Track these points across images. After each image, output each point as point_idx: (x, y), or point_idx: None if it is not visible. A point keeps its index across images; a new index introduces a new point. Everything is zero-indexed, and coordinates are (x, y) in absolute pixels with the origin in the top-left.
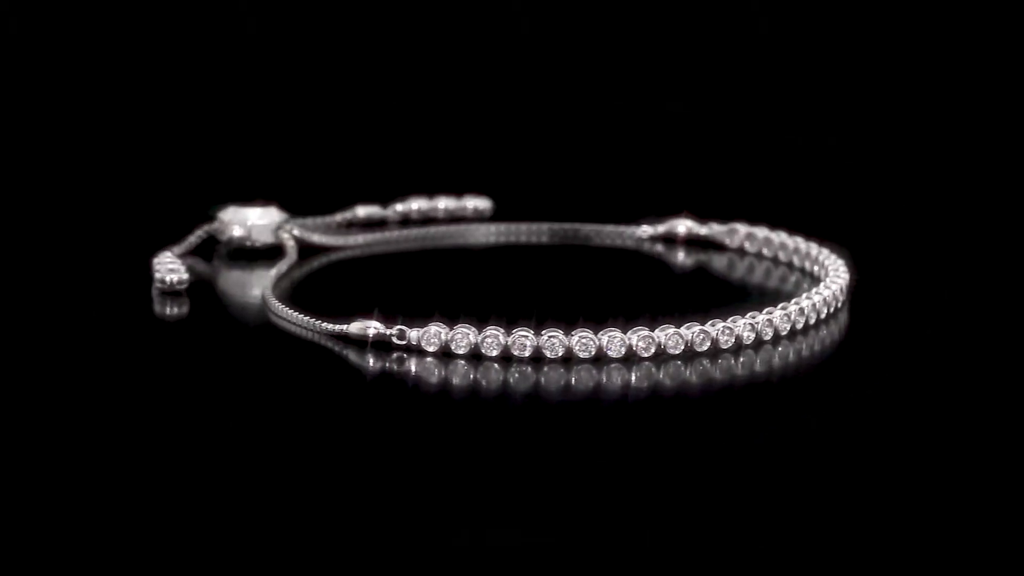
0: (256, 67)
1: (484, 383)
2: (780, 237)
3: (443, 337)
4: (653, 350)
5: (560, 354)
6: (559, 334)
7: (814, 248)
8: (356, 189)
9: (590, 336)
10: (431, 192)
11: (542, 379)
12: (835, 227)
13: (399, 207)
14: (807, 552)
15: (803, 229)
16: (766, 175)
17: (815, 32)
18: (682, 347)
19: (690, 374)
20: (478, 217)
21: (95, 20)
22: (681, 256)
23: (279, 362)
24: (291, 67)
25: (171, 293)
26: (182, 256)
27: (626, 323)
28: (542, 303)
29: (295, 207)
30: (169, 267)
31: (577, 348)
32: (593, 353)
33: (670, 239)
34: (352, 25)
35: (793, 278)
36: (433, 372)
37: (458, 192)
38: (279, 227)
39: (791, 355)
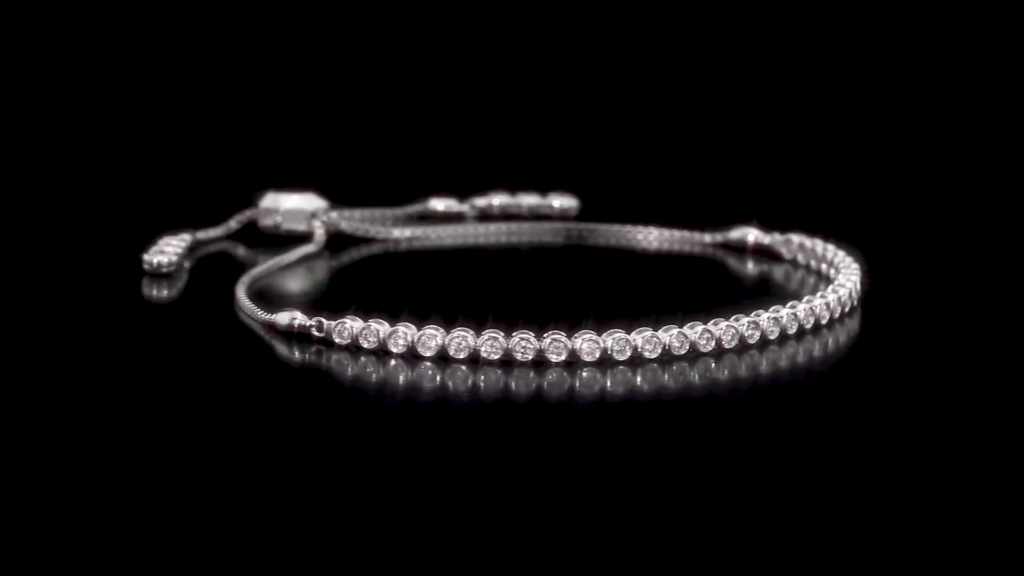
0: (337, 60)
1: (392, 380)
2: (828, 249)
3: (354, 331)
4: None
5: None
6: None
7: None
8: (436, 182)
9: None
10: (514, 188)
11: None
12: (848, 229)
13: (478, 202)
14: (813, 555)
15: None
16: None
17: (823, 34)
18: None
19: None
20: (562, 216)
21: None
22: (750, 265)
23: (217, 352)
24: (373, 59)
25: (156, 275)
26: (221, 239)
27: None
28: (547, 304)
29: (372, 199)
30: (163, 248)
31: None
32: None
33: (734, 247)
34: (439, 19)
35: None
36: (347, 366)
37: (543, 189)
38: (313, 215)
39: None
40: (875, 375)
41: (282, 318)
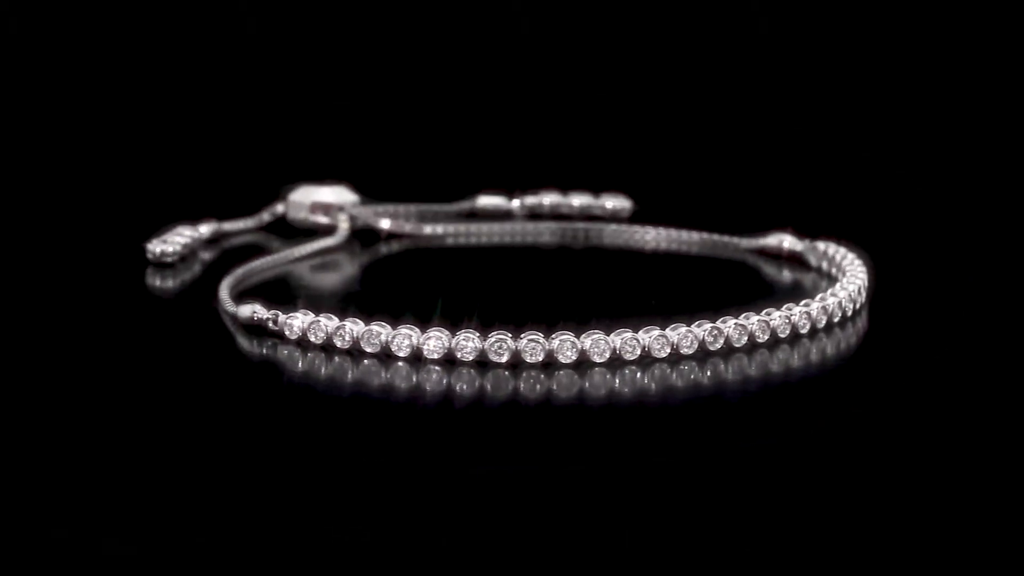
0: (398, 56)
1: (345, 377)
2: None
3: (302, 325)
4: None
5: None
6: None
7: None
8: (485, 179)
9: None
10: (567, 188)
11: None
12: (855, 231)
13: (528, 200)
14: (818, 554)
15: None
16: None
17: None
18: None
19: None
20: (614, 217)
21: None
22: (785, 272)
23: (184, 343)
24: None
25: (160, 264)
26: (251, 231)
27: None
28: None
29: (422, 195)
30: (169, 238)
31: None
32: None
33: (769, 253)
34: (501, 17)
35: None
36: (298, 361)
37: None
38: (339, 209)
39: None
40: (879, 377)
41: (244, 311)
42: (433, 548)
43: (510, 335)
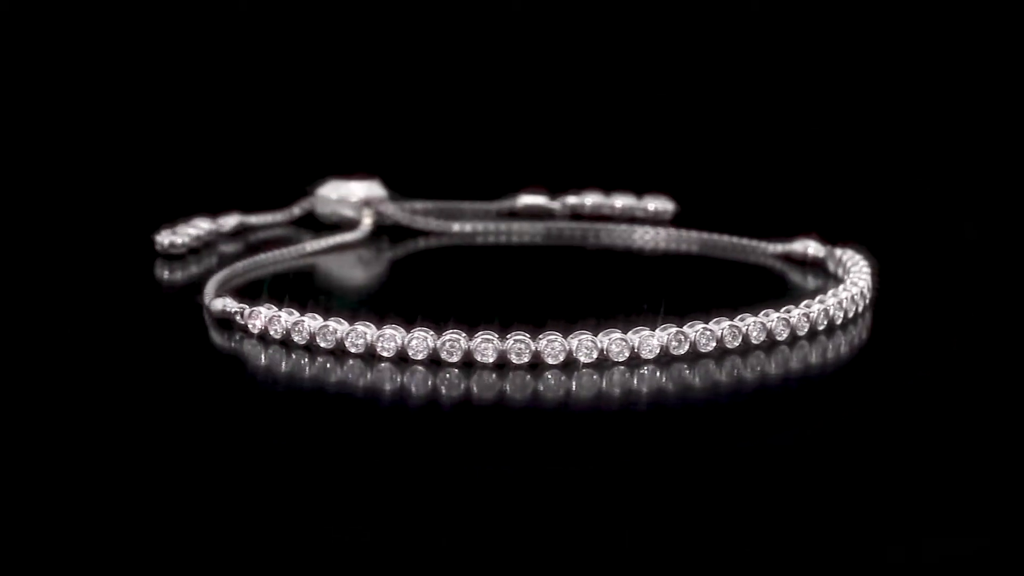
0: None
1: (301, 373)
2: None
3: (264, 319)
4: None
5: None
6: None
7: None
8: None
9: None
10: (610, 189)
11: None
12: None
13: (570, 200)
14: (821, 555)
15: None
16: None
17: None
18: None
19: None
20: (656, 219)
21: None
22: (809, 278)
23: (165, 335)
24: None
25: (168, 256)
26: (281, 224)
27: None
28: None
29: (465, 192)
30: (180, 230)
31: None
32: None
33: (794, 259)
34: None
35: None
36: (260, 355)
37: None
38: (364, 204)
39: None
40: (883, 378)
41: (216, 304)
42: (413, 547)
43: (464, 335)
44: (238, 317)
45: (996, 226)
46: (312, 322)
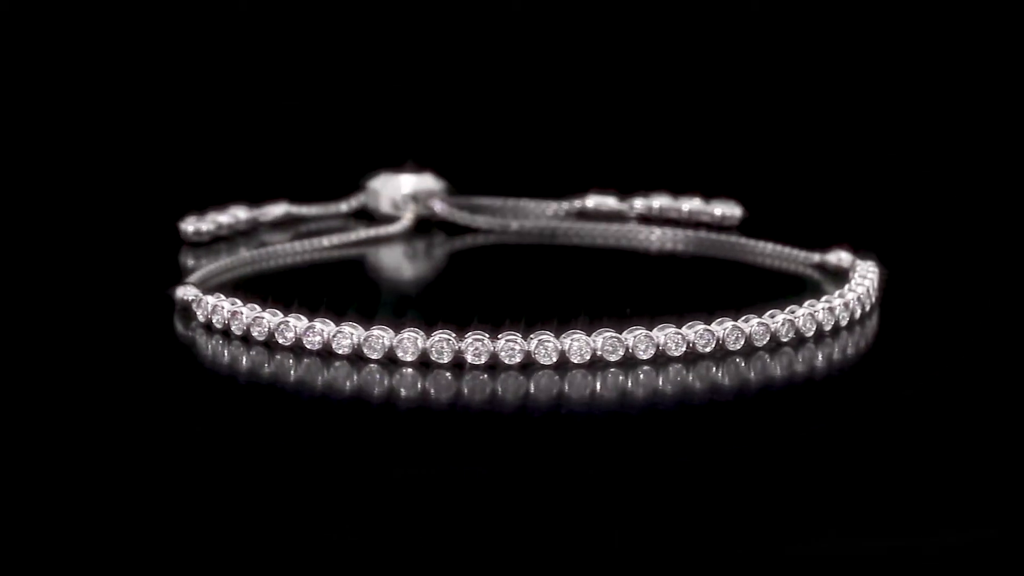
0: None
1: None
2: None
3: (225, 315)
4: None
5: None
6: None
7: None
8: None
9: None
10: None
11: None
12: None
13: (638, 202)
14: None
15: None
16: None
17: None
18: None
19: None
20: (721, 225)
21: None
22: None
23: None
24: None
25: (195, 243)
26: (336, 216)
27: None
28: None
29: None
30: (210, 218)
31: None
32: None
33: (827, 269)
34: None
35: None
36: (220, 351)
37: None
38: (411, 198)
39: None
40: (890, 379)
41: (179, 292)
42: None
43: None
44: (193, 307)
45: (1003, 230)
46: (271, 318)
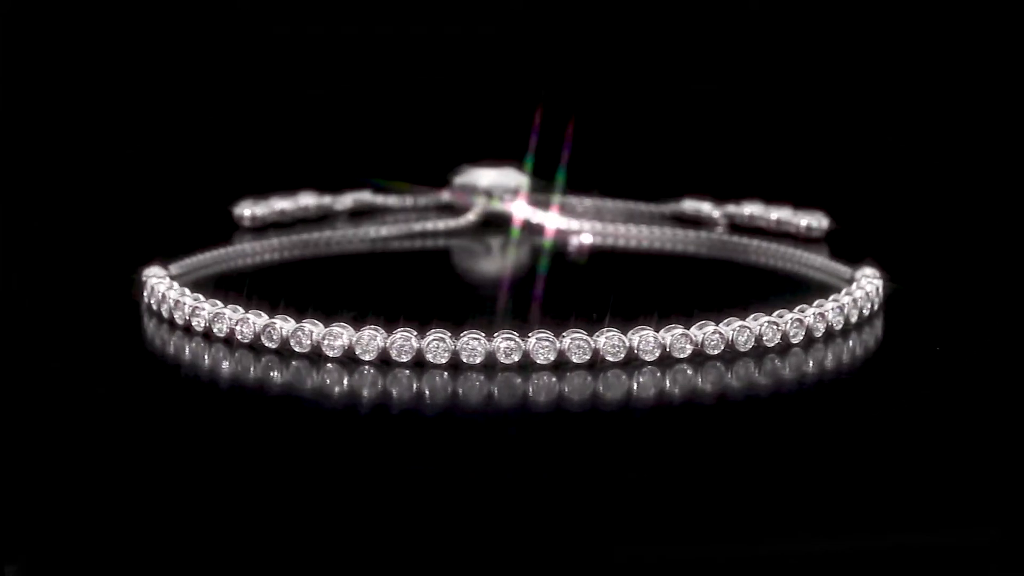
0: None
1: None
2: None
3: (190, 311)
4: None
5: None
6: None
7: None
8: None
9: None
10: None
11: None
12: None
13: (729, 209)
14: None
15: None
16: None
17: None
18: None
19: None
20: (807, 236)
21: None
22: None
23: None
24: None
25: (251, 228)
26: (417, 208)
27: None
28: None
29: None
30: (269, 203)
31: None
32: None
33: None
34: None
35: None
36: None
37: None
38: (485, 193)
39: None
40: (894, 381)
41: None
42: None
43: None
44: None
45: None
46: (234, 315)
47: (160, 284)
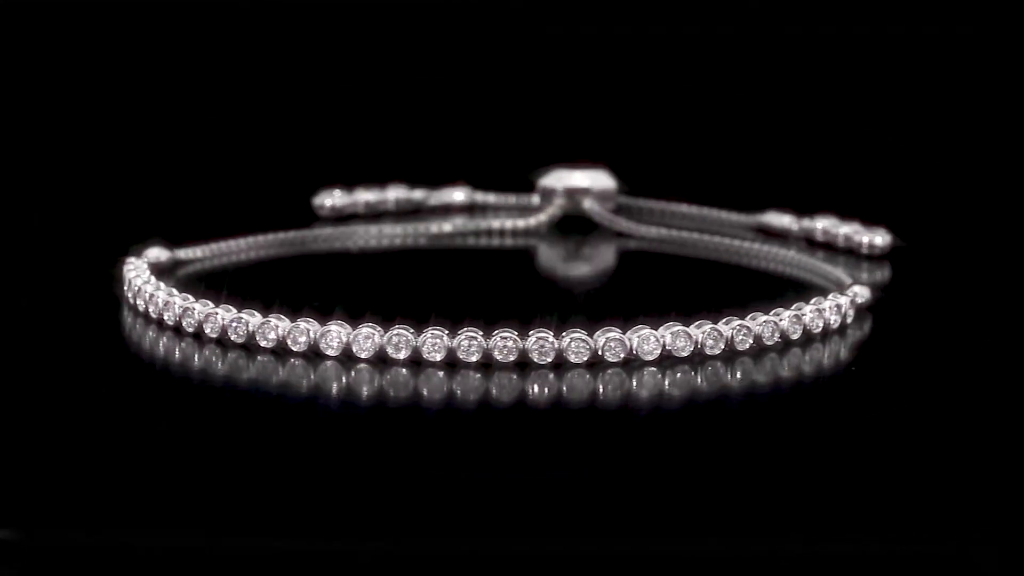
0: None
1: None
2: None
3: (180, 310)
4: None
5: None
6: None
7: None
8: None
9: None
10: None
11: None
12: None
13: (804, 223)
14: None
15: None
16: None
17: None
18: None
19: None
20: (871, 254)
21: None
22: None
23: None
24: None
25: (329, 218)
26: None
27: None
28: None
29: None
30: (350, 195)
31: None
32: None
33: None
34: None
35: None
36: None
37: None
38: (566, 194)
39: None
40: (885, 382)
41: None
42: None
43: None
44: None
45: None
46: (202, 309)
47: (138, 278)
